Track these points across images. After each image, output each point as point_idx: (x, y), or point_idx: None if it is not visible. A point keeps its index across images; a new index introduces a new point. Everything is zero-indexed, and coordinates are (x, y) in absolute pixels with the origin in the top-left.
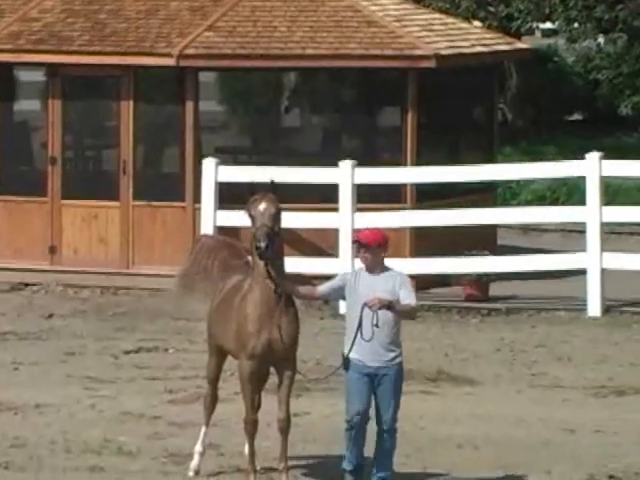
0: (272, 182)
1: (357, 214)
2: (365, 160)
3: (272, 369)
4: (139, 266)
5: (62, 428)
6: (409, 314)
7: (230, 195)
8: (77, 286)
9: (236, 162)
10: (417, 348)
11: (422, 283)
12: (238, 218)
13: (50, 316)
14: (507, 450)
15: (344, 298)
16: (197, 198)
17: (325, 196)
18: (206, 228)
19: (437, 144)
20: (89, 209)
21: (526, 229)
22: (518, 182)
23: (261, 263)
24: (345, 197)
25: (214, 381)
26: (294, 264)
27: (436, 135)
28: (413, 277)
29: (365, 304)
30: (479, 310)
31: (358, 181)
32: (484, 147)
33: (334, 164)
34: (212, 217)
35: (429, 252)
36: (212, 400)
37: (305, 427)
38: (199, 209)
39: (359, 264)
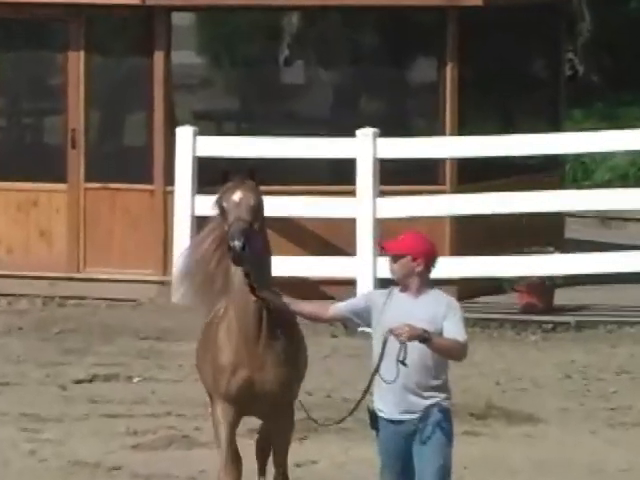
0: (251, 169)
1: (380, 199)
2: (390, 128)
3: None
4: (93, 269)
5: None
6: (452, 352)
7: (212, 175)
8: (12, 295)
9: (220, 131)
10: (460, 375)
11: (466, 290)
12: None
13: None
14: None
15: (369, 324)
16: (169, 179)
17: (338, 176)
18: (181, 218)
19: (485, 107)
20: (27, 194)
21: (603, 218)
22: (593, 156)
23: (238, 272)
24: (364, 177)
25: (227, 443)
26: (296, 265)
27: (484, 95)
28: (454, 282)
29: (390, 332)
30: (540, 324)
31: (381, 155)
32: (547, 110)
33: (350, 134)
34: (189, 204)
35: (475, 249)
36: (230, 472)
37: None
38: (172, 193)
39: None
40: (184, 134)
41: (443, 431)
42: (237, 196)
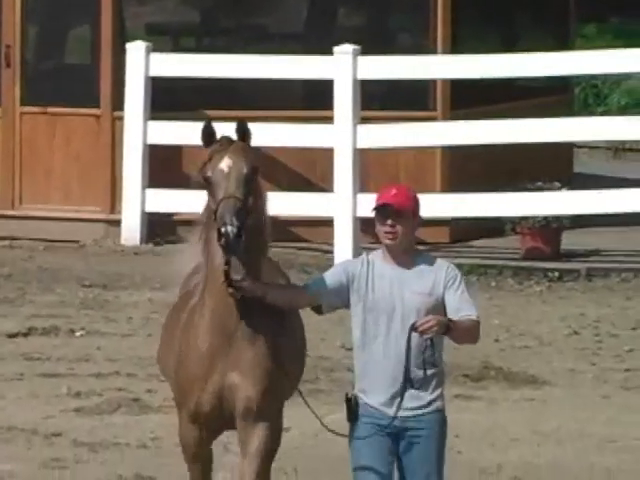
0: (240, 123)
1: (361, 126)
2: (373, 45)
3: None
4: (30, 205)
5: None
6: (471, 335)
7: (168, 98)
8: None
9: (177, 47)
10: None
11: (460, 232)
12: (180, 132)
13: None
14: None
15: (347, 305)
16: (118, 103)
17: (313, 100)
18: (132, 147)
19: (482, 21)
20: None
21: (617, 149)
22: (606, 78)
23: (218, 255)
24: (343, 100)
25: (196, 457)
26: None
27: (481, 7)
28: (446, 222)
29: (413, 328)
30: (546, 272)
31: (362, 76)
32: (555, 25)
33: (327, 51)
34: (141, 130)
35: (470, 185)
36: None
37: (284, 451)
38: (121, 119)
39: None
40: (135, 50)
41: (440, 432)
42: (225, 164)
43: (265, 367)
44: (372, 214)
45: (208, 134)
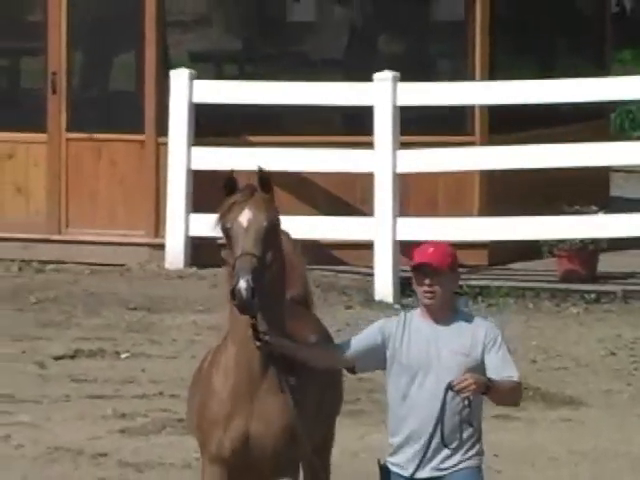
0: (260, 170)
1: (401, 151)
2: (412, 72)
3: None
4: (75, 229)
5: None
6: (512, 396)
7: (211, 124)
8: None
9: (220, 75)
10: None
11: (499, 255)
12: (223, 158)
13: None
14: None
15: (383, 366)
16: (162, 129)
17: (353, 125)
18: (176, 172)
19: (520, 48)
20: (1, 145)
21: None
22: None
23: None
24: (383, 126)
25: None
26: (305, 226)
27: (519, 34)
28: (484, 245)
29: (450, 386)
30: (583, 294)
31: (402, 102)
32: (592, 51)
33: (367, 78)
34: (185, 156)
35: (508, 208)
36: None
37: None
38: (165, 144)
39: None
40: (179, 78)
41: None
42: (245, 217)
43: (288, 420)
44: (410, 274)
45: (230, 183)
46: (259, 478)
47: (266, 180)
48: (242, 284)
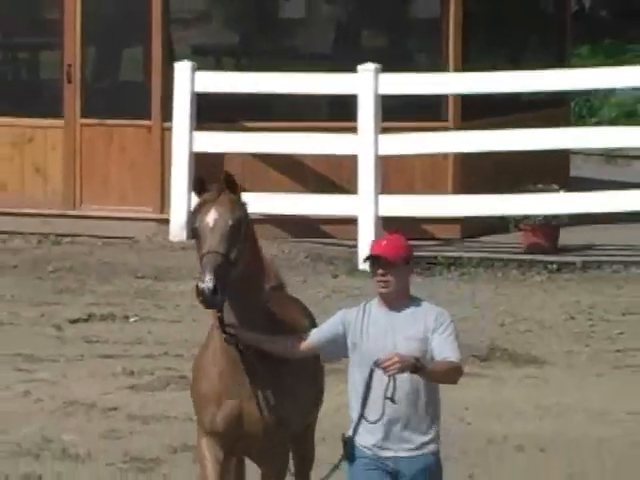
0: (228, 175)
1: (382, 136)
2: (392, 64)
3: None
4: (89, 206)
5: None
6: (448, 378)
7: (211, 111)
8: (6, 233)
9: (219, 66)
10: (462, 316)
11: (470, 229)
12: (221, 141)
13: None
14: (583, 454)
15: (346, 354)
16: (167, 115)
17: (339, 112)
18: (179, 154)
19: (489, 43)
20: (22, 130)
21: (609, 156)
22: (598, 93)
23: None
24: (366, 113)
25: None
26: (297, 203)
27: (488, 30)
28: (457, 220)
29: (376, 364)
30: (546, 265)
31: (383, 91)
32: (553, 46)
33: (351, 69)
34: (187, 140)
35: (478, 187)
36: None
37: None
38: (169, 129)
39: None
40: (182, 69)
41: (433, 473)
42: (211, 217)
43: (278, 395)
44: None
45: (199, 184)
46: (246, 449)
47: (232, 182)
48: (204, 283)
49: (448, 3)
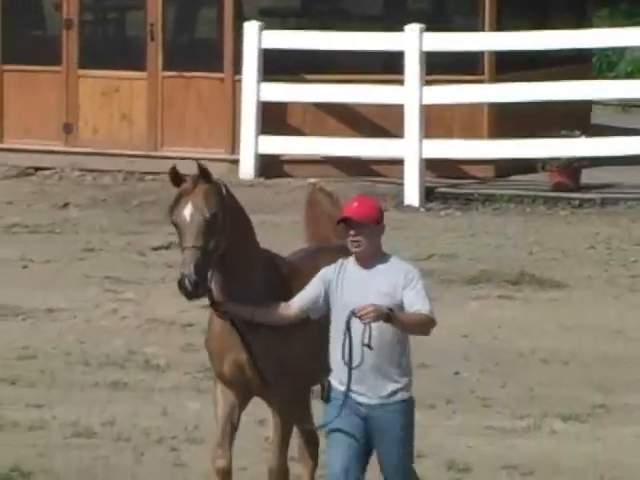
0: (201, 166)
1: (426, 87)
2: (435, 24)
3: None
4: (169, 147)
5: (79, 337)
6: (419, 327)
7: (276, 65)
8: (96, 171)
9: (284, 26)
10: (496, 245)
11: (502, 169)
12: (285, 92)
13: (65, 206)
14: (600, 367)
15: (329, 308)
16: (237, 68)
17: (388, 66)
18: (248, 103)
19: (520, 5)
20: (110, 81)
21: (625, 106)
22: (617, 50)
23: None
24: (412, 67)
25: (222, 420)
26: (351, 146)
27: None
28: (491, 162)
29: (352, 313)
30: (569, 201)
31: (427, 48)
32: (576, 9)
33: (399, 28)
34: (255, 90)
35: (510, 133)
36: (220, 455)
37: None
38: (239, 81)
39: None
40: (251, 28)
41: (404, 425)
42: (188, 211)
43: (272, 345)
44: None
45: (174, 176)
46: (256, 392)
47: (204, 172)
48: (185, 280)
49: None
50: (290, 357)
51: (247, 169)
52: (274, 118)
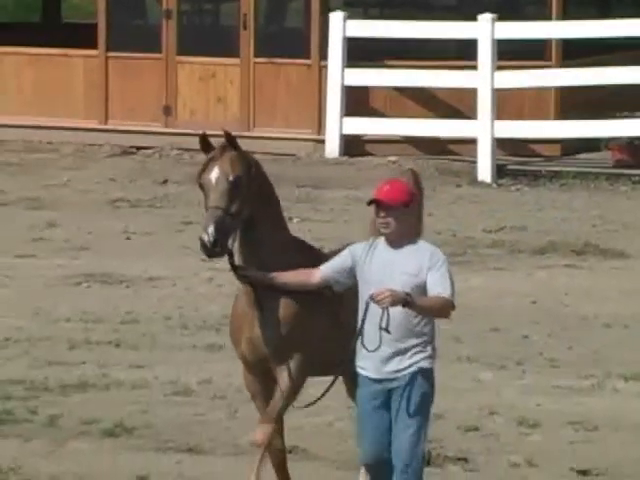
0: (227, 133)
1: (497, 72)
2: (506, 14)
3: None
4: (260, 128)
5: (177, 303)
6: (437, 311)
7: (359, 52)
8: (193, 150)
9: (366, 16)
10: (562, 218)
11: (568, 148)
12: (368, 77)
13: (165, 182)
14: None
15: (354, 282)
16: (323, 55)
17: (462, 53)
18: (333, 87)
19: None
20: (207, 67)
21: None
22: None
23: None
24: (484, 54)
25: (255, 393)
26: (428, 127)
27: None
28: (558, 141)
29: (371, 297)
30: (630, 177)
31: (498, 36)
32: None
33: (472, 18)
34: (340, 75)
35: (576, 114)
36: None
37: None
38: (325, 67)
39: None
40: (336, 18)
41: (421, 395)
42: (214, 175)
43: (283, 320)
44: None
45: (205, 143)
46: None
47: (231, 139)
48: (204, 236)
49: None
50: (305, 333)
51: (332, 148)
52: (357, 101)
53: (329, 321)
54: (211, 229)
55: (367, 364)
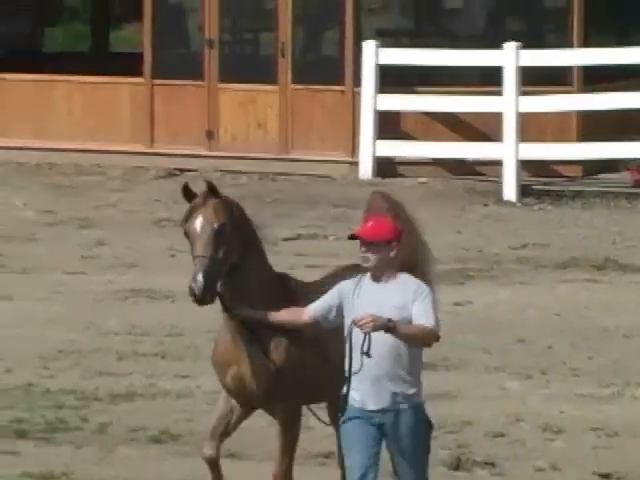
0: (208, 182)
1: (522, 97)
2: (529, 42)
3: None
4: (298, 151)
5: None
6: (420, 339)
7: (391, 78)
8: (234, 172)
9: (397, 45)
10: (583, 235)
11: (589, 169)
12: (399, 102)
13: None
14: None
15: (342, 321)
16: (357, 82)
17: (487, 79)
18: (366, 112)
19: (606, 24)
20: (247, 93)
21: None
22: None
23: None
24: (509, 80)
25: (218, 412)
26: (456, 150)
27: (605, 15)
28: (579, 162)
29: (353, 322)
30: None
31: (523, 63)
32: None
33: (497, 46)
34: (372, 101)
35: (596, 136)
36: (209, 445)
37: (466, 316)
38: (359, 93)
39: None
40: (369, 47)
41: (416, 432)
42: (198, 223)
43: (268, 362)
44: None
45: (187, 192)
46: (256, 404)
47: (212, 187)
48: (193, 285)
49: None
50: (297, 368)
51: (366, 170)
52: (389, 125)
53: (319, 359)
54: (199, 278)
55: (357, 393)
